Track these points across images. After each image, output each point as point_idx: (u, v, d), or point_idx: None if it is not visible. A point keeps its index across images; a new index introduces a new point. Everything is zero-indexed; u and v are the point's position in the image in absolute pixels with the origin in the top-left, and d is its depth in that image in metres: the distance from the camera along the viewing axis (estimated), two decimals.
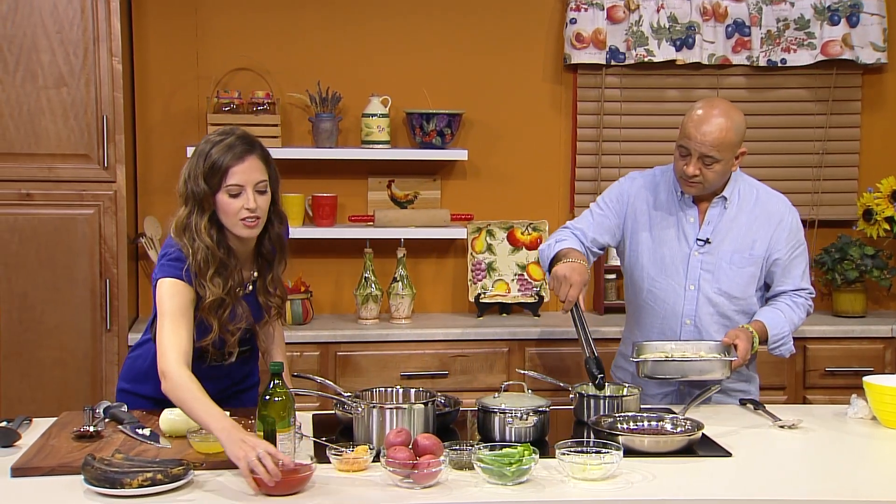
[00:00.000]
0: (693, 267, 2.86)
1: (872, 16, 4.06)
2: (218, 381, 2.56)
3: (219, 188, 2.39)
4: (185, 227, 2.42)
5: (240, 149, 2.39)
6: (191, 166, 2.43)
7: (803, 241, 2.93)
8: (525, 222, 4.12)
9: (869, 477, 2.28)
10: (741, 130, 2.80)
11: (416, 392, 2.49)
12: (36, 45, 3.44)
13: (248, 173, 2.39)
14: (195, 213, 2.42)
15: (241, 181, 2.38)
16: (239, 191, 2.39)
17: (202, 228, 2.40)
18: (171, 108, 3.96)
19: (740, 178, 2.91)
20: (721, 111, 2.78)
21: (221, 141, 2.41)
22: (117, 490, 2.00)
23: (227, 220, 2.41)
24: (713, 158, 2.75)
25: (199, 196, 2.40)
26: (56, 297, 3.51)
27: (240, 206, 2.39)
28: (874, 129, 4.24)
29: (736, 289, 2.86)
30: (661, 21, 4.03)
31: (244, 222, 2.41)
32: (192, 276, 2.40)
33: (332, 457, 2.20)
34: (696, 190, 2.82)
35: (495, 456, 2.12)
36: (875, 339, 3.86)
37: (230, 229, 2.43)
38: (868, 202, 4.07)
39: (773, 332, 2.81)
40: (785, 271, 2.88)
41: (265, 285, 2.54)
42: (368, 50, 4.05)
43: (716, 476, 2.22)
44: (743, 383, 2.93)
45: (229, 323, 2.46)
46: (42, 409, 3.15)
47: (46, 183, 3.50)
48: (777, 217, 2.88)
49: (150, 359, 2.51)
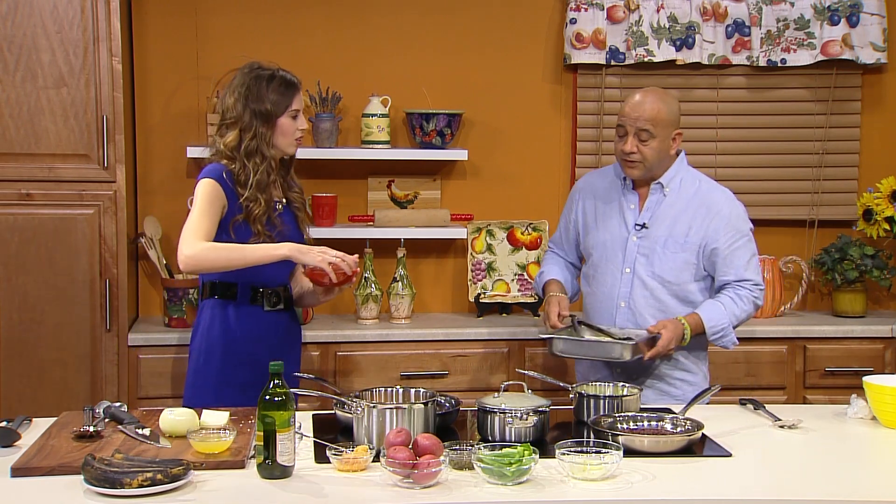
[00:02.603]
0: (630, 251, 2.98)
1: (872, 16, 4.06)
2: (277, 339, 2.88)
3: (283, 112, 2.83)
4: (247, 147, 2.80)
5: (296, 80, 2.90)
6: (254, 93, 2.82)
7: (747, 233, 2.98)
8: (525, 222, 4.12)
9: (869, 477, 2.28)
10: (675, 111, 2.97)
11: (416, 392, 2.49)
12: (36, 44, 3.44)
13: (301, 101, 2.90)
14: (258, 134, 2.81)
15: (299, 107, 2.88)
16: (297, 115, 2.87)
17: (265, 146, 2.82)
18: (171, 108, 3.96)
19: (683, 169, 3.02)
20: (657, 93, 2.98)
21: (276, 72, 2.87)
22: (117, 490, 2.00)
23: (284, 139, 2.85)
24: (648, 133, 2.90)
25: (265, 118, 2.81)
26: (56, 297, 3.51)
27: (296, 127, 2.87)
28: (874, 129, 4.24)
29: (669, 273, 2.95)
30: (661, 21, 4.03)
31: (297, 141, 2.89)
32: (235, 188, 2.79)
33: (332, 457, 2.20)
34: (637, 171, 2.95)
35: (495, 456, 2.12)
36: (875, 339, 3.86)
37: (282, 148, 2.87)
38: (868, 202, 4.07)
39: (710, 324, 2.90)
40: (726, 261, 2.95)
41: (287, 183, 2.96)
42: (368, 50, 4.05)
43: (716, 476, 2.22)
44: (682, 372, 2.98)
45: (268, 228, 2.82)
46: (42, 408, 3.15)
47: (46, 183, 3.50)
48: (716, 208, 2.96)
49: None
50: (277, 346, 2.89)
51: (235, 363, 2.86)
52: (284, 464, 2.13)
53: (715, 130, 4.18)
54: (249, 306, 2.88)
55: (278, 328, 2.93)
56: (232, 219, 2.80)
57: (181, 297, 3.71)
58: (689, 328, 2.88)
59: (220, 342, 2.88)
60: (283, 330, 2.95)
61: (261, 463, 2.13)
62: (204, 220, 2.75)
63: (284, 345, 2.94)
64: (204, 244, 2.71)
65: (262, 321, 2.89)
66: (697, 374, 3.03)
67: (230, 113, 2.83)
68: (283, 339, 2.94)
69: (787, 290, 4.15)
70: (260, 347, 2.86)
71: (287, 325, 2.97)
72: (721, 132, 4.19)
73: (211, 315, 2.90)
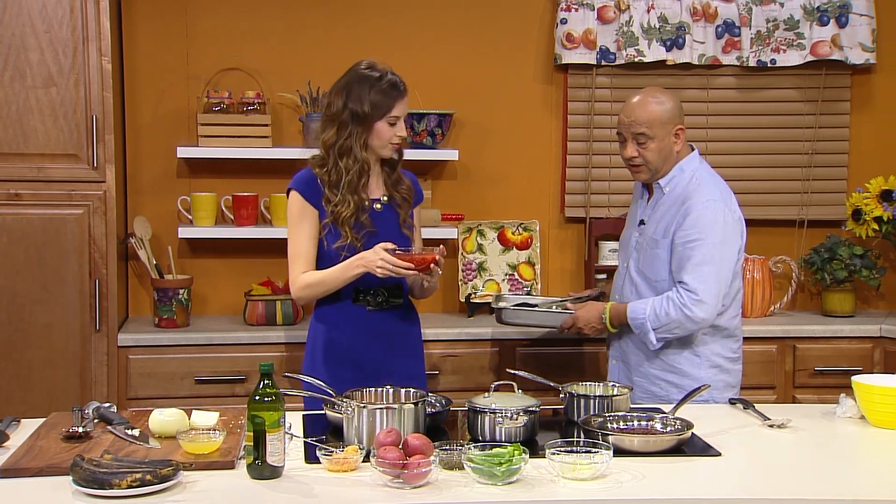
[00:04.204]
0: (630, 247, 3.08)
1: (861, 16, 4.07)
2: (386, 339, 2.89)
3: (382, 117, 2.83)
4: (341, 147, 2.83)
5: (402, 87, 2.88)
6: (355, 93, 2.82)
7: (704, 238, 2.85)
8: (516, 222, 4.13)
9: (857, 475, 2.29)
10: (671, 109, 2.96)
11: (407, 392, 2.49)
12: (25, 44, 3.43)
13: (404, 108, 2.88)
14: (354, 133, 2.83)
15: (399, 114, 2.86)
16: (396, 121, 2.86)
17: (359, 147, 2.83)
18: (161, 107, 3.95)
19: (688, 167, 2.98)
20: (650, 94, 2.99)
21: (384, 76, 2.86)
22: (106, 491, 1.99)
23: (379, 142, 2.86)
24: (645, 136, 2.92)
25: (361, 120, 2.82)
26: (45, 297, 3.50)
27: (393, 133, 2.86)
28: (863, 129, 4.25)
29: (649, 269, 2.99)
30: (651, 21, 4.03)
31: (394, 146, 2.88)
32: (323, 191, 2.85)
33: (322, 457, 2.20)
34: (643, 174, 3.00)
35: (485, 456, 2.12)
36: (864, 338, 3.87)
37: (376, 150, 2.87)
38: (857, 202, 4.09)
39: (631, 316, 2.94)
40: (677, 258, 2.90)
41: (394, 180, 2.95)
42: (359, 50, 4.03)
43: (705, 476, 2.23)
44: (673, 374, 2.97)
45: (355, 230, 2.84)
46: (31, 409, 3.15)
47: (35, 183, 3.49)
48: (688, 203, 2.92)
49: None
50: (383, 345, 2.90)
51: (339, 363, 2.87)
52: (274, 464, 2.13)
53: (705, 130, 4.19)
54: (353, 306, 2.89)
55: (383, 327, 2.91)
56: (322, 222, 2.86)
57: (171, 298, 3.71)
58: (608, 314, 2.99)
59: (324, 342, 2.91)
60: (390, 328, 2.92)
61: (250, 463, 2.13)
62: (298, 242, 2.86)
63: (392, 343, 2.92)
64: (301, 282, 2.84)
65: (366, 321, 2.89)
66: (687, 378, 2.94)
67: (331, 109, 2.87)
68: (390, 338, 2.92)
69: (777, 290, 4.16)
70: (362, 346, 2.88)
71: (394, 324, 2.93)
72: (711, 132, 4.20)
73: (318, 314, 2.95)
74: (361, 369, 2.84)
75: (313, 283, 2.85)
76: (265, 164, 3.96)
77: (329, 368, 2.87)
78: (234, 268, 4.01)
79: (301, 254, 2.86)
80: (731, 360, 3.02)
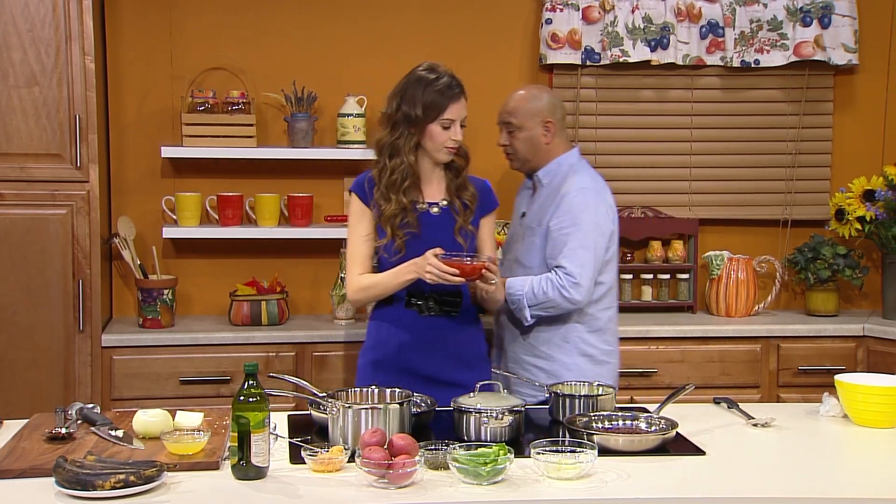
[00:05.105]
0: (512, 237, 3.21)
1: (844, 17, 4.10)
2: (439, 348, 2.83)
3: (434, 120, 2.80)
4: (391, 146, 2.82)
5: (457, 90, 2.83)
6: (408, 95, 2.81)
7: (579, 224, 2.94)
8: (501, 222, 4.12)
9: (840, 474, 2.30)
10: (539, 102, 3.10)
11: (392, 392, 2.49)
12: (7, 43, 3.41)
13: (459, 111, 2.84)
14: (405, 135, 2.82)
15: (454, 117, 2.82)
16: (450, 125, 2.82)
17: (407, 149, 2.81)
18: (145, 107, 3.94)
19: (565, 162, 3.09)
20: (528, 88, 3.19)
21: (439, 79, 2.82)
22: (89, 492, 1.98)
23: (433, 145, 2.83)
24: (512, 125, 3.10)
25: (413, 122, 2.80)
26: (28, 297, 3.48)
27: (447, 137, 2.82)
28: (846, 129, 4.28)
29: (524, 256, 3.08)
30: (635, 22, 4.04)
31: (448, 149, 2.83)
32: (374, 190, 2.83)
33: (307, 457, 2.19)
34: (515, 163, 3.16)
35: (470, 456, 2.12)
36: (847, 337, 3.90)
37: (431, 153, 2.84)
38: (840, 202, 4.11)
39: (509, 291, 2.96)
40: (553, 244, 2.97)
41: (458, 186, 2.90)
42: (344, 50, 4.04)
43: (689, 475, 2.23)
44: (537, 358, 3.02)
45: (399, 230, 2.81)
46: (14, 410, 3.11)
47: (18, 183, 3.47)
48: (563, 190, 3.02)
49: None
50: (436, 353, 2.85)
51: (386, 365, 2.85)
52: (259, 465, 2.12)
53: (689, 130, 4.21)
54: (405, 310, 2.86)
55: (437, 335, 2.86)
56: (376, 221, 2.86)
57: (155, 298, 3.69)
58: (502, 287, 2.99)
59: (373, 344, 2.91)
60: (444, 336, 2.86)
61: (235, 464, 2.12)
62: (354, 243, 2.87)
63: (447, 352, 2.86)
64: (356, 284, 2.86)
65: (417, 326, 2.85)
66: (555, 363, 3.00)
67: (387, 109, 2.86)
68: (444, 346, 2.86)
69: (761, 290, 4.18)
70: (410, 352, 2.84)
71: (449, 332, 2.87)
72: (695, 132, 4.21)
73: (374, 315, 2.94)
74: (410, 374, 2.79)
75: (367, 286, 2.85)
76: (250, 163, 3.95)
77: (379, 375, 2.80)
78: (219, 268, 4.00)
79: (356, 255, 2.86)
80: (605, 352, 3.06)
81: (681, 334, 3.82)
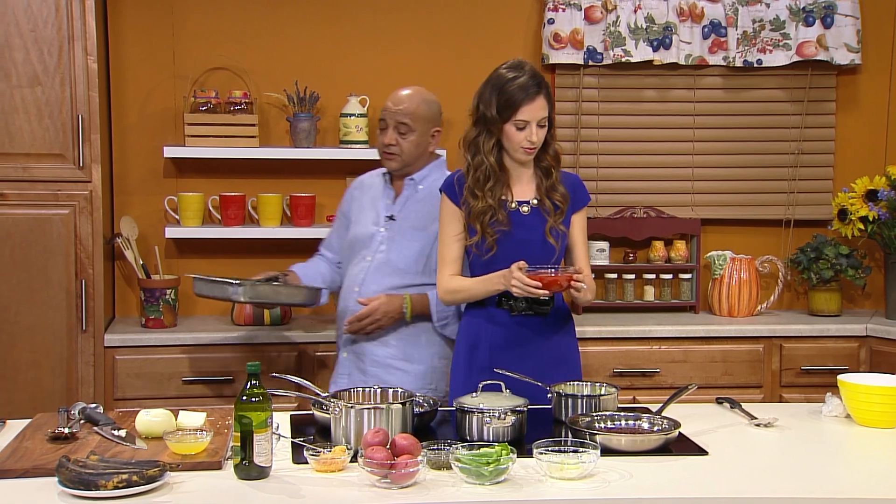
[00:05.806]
0: (375, 241, 3.12)
1: (846, 17, 4.09)
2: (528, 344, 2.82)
3: (508, 120, 2.76)
4: (472, 144, 2.82)
5: (533, 90, 2.76)
6: (485, 94, 2.79)
7: None
8: None
9: (843, 474, 2.30)
10: (434, 109, 3.15)
11: (394, 392, 2.49)
12: (9, 43, 3.41)
13: (535, 111, 2.76)
14: (483, 134, 2.81)
15: (528, 118, 2.76)
16: (525, 125, 2.76)
17: (487, 149, 2.80)
18: (148, 107, 3.94)
19: (441, 169, 3.14)
20: (418, 90, 3.16)
21: (516, 78, 2.76)
22: (92, 492, 1.98)
23: (510, 145, 2.80)
24: (407, 126, 3.08)
25: (490, 122, 2.78)
26: (31, 297, 3.48)
27: (523, 137, 2.77)
28: (848, 129, 4.27)
29: (402, 261, 3.07)
30: (638, 21, 4.04)
31: (524, 150, 2.79)
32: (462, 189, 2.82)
33: (310, 457, 2.20)
34: (395, 163, 3.12)
35: (473, 456, 2.12)
36: (850, 337, 3.89)
37: (510, 153, 2.81)
38: (843, 202, 4.11)
39: (439, 308, 3.00)
40: None
41: (548, 186, 2.86)
42: (346, 49, 4.04)
43: (692, 475, 2.23)
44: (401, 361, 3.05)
45: (489, 227, 2.79)
46: (17, 410, 3.13)
47: (21, 183, 3.47)
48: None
49: None
50: (528, 352, 2.83)
51: (480, 368, 2.82)
52: (261, 464, 2.12)
53: (692, 130, 4.21)
54: (497, 309, 2.85)
55: (528, 333, 2.85)
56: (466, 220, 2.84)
57: (158, 298, 3.69)
58: (409, 304, 3.01)
59: (467, 341, 2.89)
60: (535, 335, 2.85)
61: (238, 464, 2.12)
62: (444, 243, 2.87)
63: (539, 351, 2.85)
64: (446, 286, 2.86)
65: (509, 325, 2.84)
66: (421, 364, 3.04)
67: (472, 108, 2.84)
68: (536, 346, 2.85)
69: (764, 290, 4.18)
70: (500, 350, 2.83)
71: (541, 331, 2.85)
72: (698, 132, 4.21)
73: (469, 311, 2.92)
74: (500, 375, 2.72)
75: (456, 289, 2.85)
76: (252, 163, 3.95)
77: (472, 375, 2.79)
78: (222, 268, 3.99)
79: (446, 256, 2.86)
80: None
81: (683, 334, 3.82)
